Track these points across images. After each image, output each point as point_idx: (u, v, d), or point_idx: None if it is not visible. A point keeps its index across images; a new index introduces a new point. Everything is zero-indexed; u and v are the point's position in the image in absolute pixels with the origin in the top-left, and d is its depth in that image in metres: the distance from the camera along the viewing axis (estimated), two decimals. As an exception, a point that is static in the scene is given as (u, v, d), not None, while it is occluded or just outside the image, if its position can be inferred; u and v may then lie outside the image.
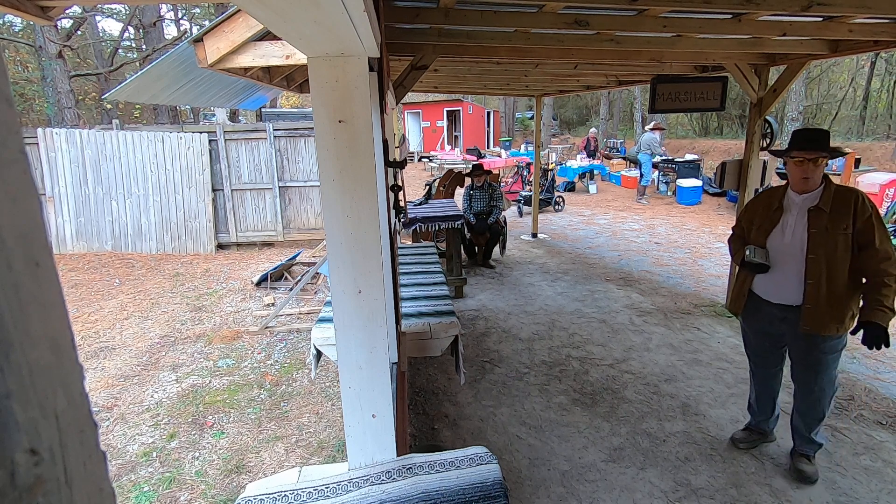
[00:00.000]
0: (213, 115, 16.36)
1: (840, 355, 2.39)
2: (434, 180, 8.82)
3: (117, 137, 7.52)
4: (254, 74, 3.37)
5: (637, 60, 4.03)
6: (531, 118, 28.44)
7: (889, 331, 2.10)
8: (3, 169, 0.17)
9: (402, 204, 4.38)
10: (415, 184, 12.07)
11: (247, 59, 2.63)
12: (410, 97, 16.76)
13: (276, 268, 5.97)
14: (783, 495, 2.45)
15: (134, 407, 3.50)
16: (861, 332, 2.15)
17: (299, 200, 8.02)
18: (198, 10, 19.78)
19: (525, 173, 11.69)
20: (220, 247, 7.88)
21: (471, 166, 6.67)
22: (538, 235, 7.99)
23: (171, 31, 20.96)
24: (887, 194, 7.62)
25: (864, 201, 2.24)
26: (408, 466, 1.52)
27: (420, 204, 6.85)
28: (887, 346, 2.09)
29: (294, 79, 4.64)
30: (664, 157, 11.95)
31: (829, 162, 2.72)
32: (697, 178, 10.98)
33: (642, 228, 8.53)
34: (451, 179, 7.88)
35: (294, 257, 6.31)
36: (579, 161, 13.41)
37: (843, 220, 2.22)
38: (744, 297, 2.59)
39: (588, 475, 2.63)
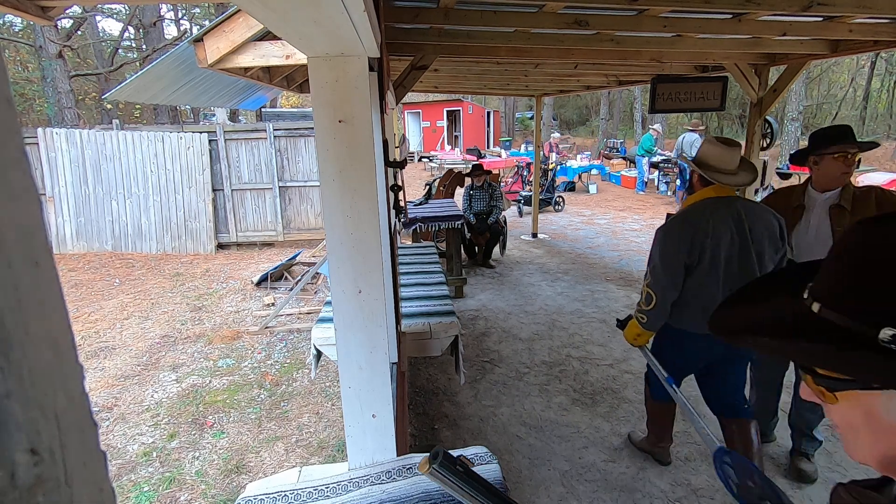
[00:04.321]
0: (213, 115, 16.34)
1: None
2: (434, 180, 8.82)
3: (117, 137, 7.52)
4: (254, 74, 3.37)
5: (637, 60, 4.03)
6: (531, 118, 28.43)
7: None
8: (3, 169, 0.17)
9: (402, 204, 4.38)
10: (415, 184, 12.06)
11: (247, 59, 2.63)
12: (410, 97, 16.74)
13: (276, 268, 5.97)
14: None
15: (134, 407, 3.50)
16: None
17: (299, 200, 8.02)
18: (198, 10, 19.78)
19: (525, 173, 11.69)
20: (220, 247, 7.88)
21: (471, 166, 6.67)
22: (538, 235, 7.98)
23: (171, 31, 20.96)
24: (887, 194, 7.61)
25: (885, 192, 2.25)
26: (408, 466, 1.52)
27: (420, 204, 6.85)
28: None
29: (294, 79, 4.64)
30: (664, 157, 11.95)
31: None
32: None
33: (642, 228, 8.52)
34: (451, 179, 7.88)
35: (294, 257, 6.31)
36: (579, 161, 13.42)
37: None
38: None
39: (588, 475, 2.63)
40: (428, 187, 8.36)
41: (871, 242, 0.50)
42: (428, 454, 0.88)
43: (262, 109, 12.21)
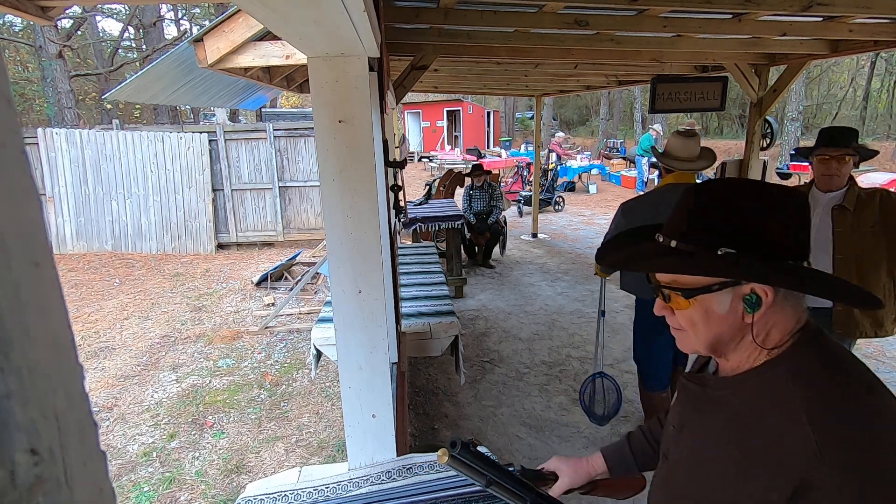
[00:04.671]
0: (213, 115, 16.34)
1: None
2: (434, 180, 8.82)
3: (117, 137, 7.52)
4: (254, 74, 3.37)
5: (637, 60, 4.03)
6: (531, 118, 28.42)
7: None
8: (3, 169, 0.17)
9: (402, 204, 4.38)
10: (415, 184, 12.06)
11: (247, 59, 2.62)
12: (410, 97, 16.73)
13: (276, 268, 5.97)
14: (783, 495, 2.45)
15: (134, 407, 3.50)
16: None
17: (299, 200, 8.02)
18: (198, 10, 19.79)
19: (525, 173, 11.70)
20: (220, 247, 7.88)
21: (471, 166, 6.67)
22: (538, 235, 7.99)
23: (171, 31, 20.97)
24: (887, 194, 7.62)
25: (891, 196, 2.22)
26: (408, 466, 1.52)
27: (420, 204, 6.85)
28: None
29: (294, 79, 4.64)
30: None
31: None
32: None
33: (642, 228, 8.52)
34: (451, 179, 7.88)
35: (294, 257, 6.31)
36: (580, 161, 13.43)
37: (869, 219, 2.20)
38: None
39: (588, 475, 2.63)
40: (428, 187, 8.36)
41: (699, 199, 0.76)
42: (445, 447, 0.91)
43: (262, 109, 12.22)
